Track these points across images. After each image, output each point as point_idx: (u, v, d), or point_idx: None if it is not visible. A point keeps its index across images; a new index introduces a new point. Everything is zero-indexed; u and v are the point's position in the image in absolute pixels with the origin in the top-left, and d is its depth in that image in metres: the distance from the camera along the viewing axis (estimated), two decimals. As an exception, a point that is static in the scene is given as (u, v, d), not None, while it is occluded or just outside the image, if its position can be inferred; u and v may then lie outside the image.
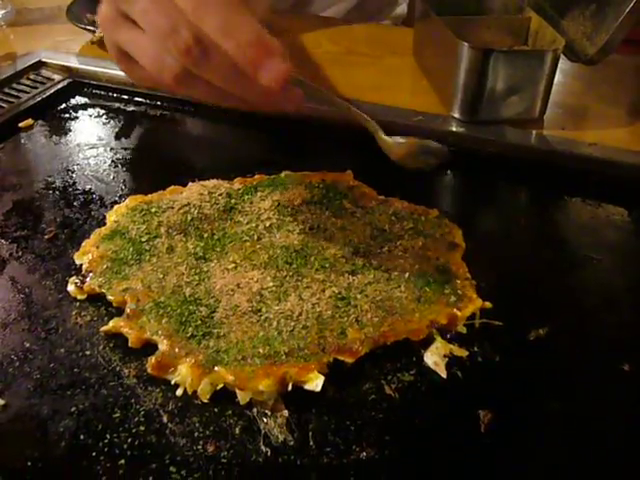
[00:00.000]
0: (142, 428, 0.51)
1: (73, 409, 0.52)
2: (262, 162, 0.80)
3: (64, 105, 0.95)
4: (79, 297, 0.62)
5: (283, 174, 0.76)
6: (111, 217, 0.70)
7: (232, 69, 0.51)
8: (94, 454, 0.49)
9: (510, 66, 0.81)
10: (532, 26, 0.91)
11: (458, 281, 0.62)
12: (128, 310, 0.59)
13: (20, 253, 0.67)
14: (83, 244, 0.67)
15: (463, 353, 0.57)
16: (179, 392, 0.53)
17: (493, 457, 0.50)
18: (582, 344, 0.59)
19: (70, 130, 0.90)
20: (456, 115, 0.86)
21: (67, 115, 0.93)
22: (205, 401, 0.52)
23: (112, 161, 0.82)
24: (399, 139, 0.65)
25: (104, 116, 0.93)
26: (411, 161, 0.65)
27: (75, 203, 0.75)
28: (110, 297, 0.60)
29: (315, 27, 1.17)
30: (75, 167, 0.81)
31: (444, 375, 0.55)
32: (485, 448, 0.50)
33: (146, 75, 0.56)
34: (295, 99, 0.57)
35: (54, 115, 0.93)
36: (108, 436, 0.50)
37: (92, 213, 0.73)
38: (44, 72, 1.00)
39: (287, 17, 1.20)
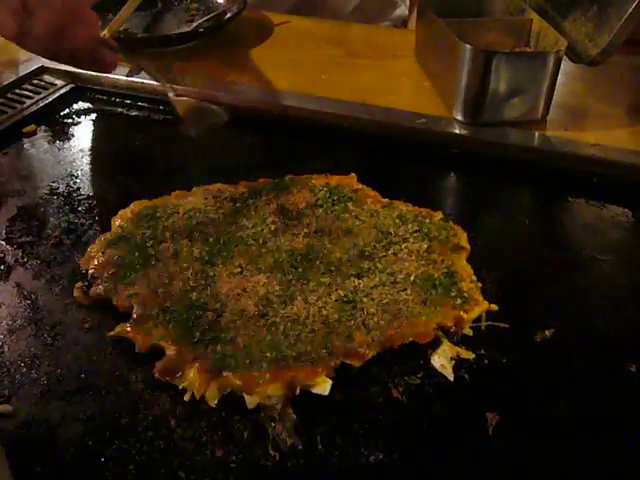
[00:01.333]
0: (150, 433, 0.51)
1: (81, 415, 0.53)
2: (266, 166, 0.80)
3: (67, 110, 0.95)
4: (85, 303, 0.62)
5: (287, 178, 0.76)
6: (116, 222, 0.70)
7: (51, 27, 0.65)
8: (103, 460, 0.49)
9: (513, 68, 0.81)
10: (534, 28, 0.91)
11: (464, 283, 0.62)
12: (134, 315, 0.59)
13: (25, 259, 0.68)
14: (88, 249, 0.67)
15: (470, 355, 0.57)
16: (187, 397, 0.53)
17: (501, 459, 0.50)
18: (588, 345, 0.59)
19: (73, 135, 0.90)
20: (459, 117, 0.86)
21: (70, 120, 0.93)
22: (213, 406, 0.52)
23: (116, 166, 0.83)
24: (185, 99, 0.77)
25: (107, 121, 0.93)
26: (195, 120, 0.77)
27: (80, 208, 0.75)
28: (116, 302, 0.61)
29: (316, 30, 1.17)
30: (79, 172, 0.81)
31: (451, 378, 0.55)
32: (493, 450, 0.50)
33: None
34: (109, 60, 0.70)
35: (57, 120, 0.93)
36: (117, 442, 0.50)
37: (97, 218, 0.73)
38: (46, 78, 1.01)
39: (288, 21, 1.20)
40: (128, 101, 0.97)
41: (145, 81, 0.96)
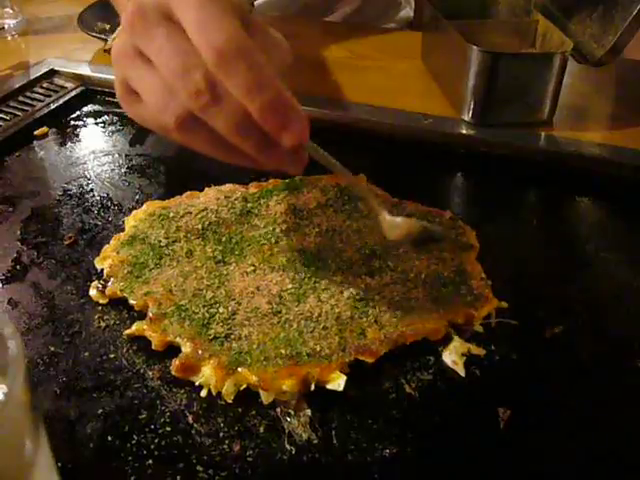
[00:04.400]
0: (168, 429, 0.52)
1: (100, 411, 0.53)
2: (276, 166, 0.81)
3: (77, 113, 0.96)
4: (101, 301, 0.63)
5: (297, 178, 0.77)
6: (130, 222, 0.71)
7: (241, 120, 0.49)
8: (122, 455, 0.50)
9: (519, 69, 0.82)
10: (539, 29, 0.92)
11: (473, 281, 0.63)
12: (150, 314, 0.60)
13: (41, 259, 0.69)
14: (103, 249, 0.68)
15: (481, 352, 0.58)
16: (203, 393, 0.54)
17: (513, 453, 0.51)
18: (597, 341, 0.60)
19: (84, 138, 0.91)
20: (466, 118, 0.87)
21: (81, 122, 0.94)
22: (229, 402, 0.53)
23: (128, 167, 0.84)
24: (399, 220, 0.59)
25: (118, 123, 0.94)
26: (409, 243, 0.61)
27: (93, 209, 0.76)
28: (132, 301, 0.61)
29: (323, 32, 1.18)
30: (91, 174, 0.82)
31: (463, 374, 0.56)
32: (505, 444, 0.51)
33: (148, 115, 0.53)
34: (301, 162, 0.55)
35: (68, 123, 0.94)
36: (135, 437, 0.51)
37: (110, 219, 0.74)
38: (57, 80, 1.01)
39: (294, 23, 1.21)
40: (138, 103, 0.98)
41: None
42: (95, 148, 0.88)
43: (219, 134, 0.50)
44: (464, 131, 0.87)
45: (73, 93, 0.99)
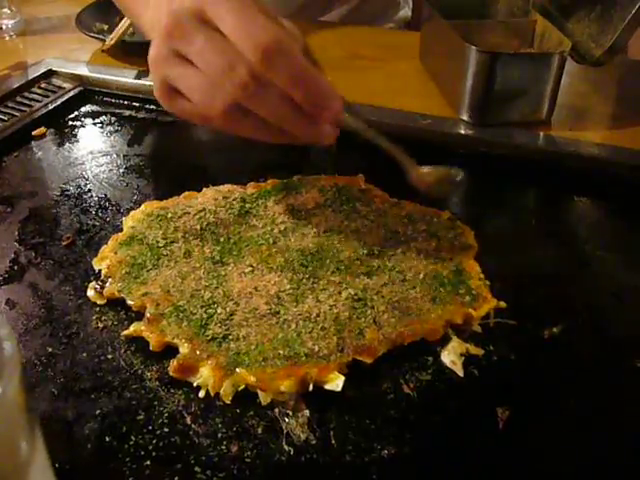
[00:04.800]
0: (166, 430, 0.52)
1: (97, 412, 0.53)
2: (274, 167, 0.81)
3: (75, 113, 0.96)
4: (99, 302, 0.63)
5: (295, 178, 0.77)
6: (128, 223, 0.71)
7: (284, 104, 0.55)
8: (120, 456, 0.50)
9: (517, 69, 0.82)
10: (538, 29, 0.92)
11: (472, 281, 0.63)
12: (148, 314, 0.60)
13: (39, 260, 0.68)
14: (101, 250, 0.67)
15: (479, 352, 0.58)
16: (201, 394, 0.54)
17: (512, 453, 0.51)
18: (596, 341, 0.60)
19: (82, 138, 0.91)
20: (464, 118, 0.87)
21: (79, 123, 0.94)
22: (227, 402, 0.53)
23: (126, 168, 0.83)
24: (426, 170, 0.68)
25: (116, 124, 0.94)
26: (437, 189, 0.69)
27: (91, 210, 0.76)
28: (130, 302, 0.61)
29: (319, 32, 1.18)
30: (89, 174, 0.82)
31: (461, 374, 0.56)
32: (504, 444, 0.51)
33: (193, 109, 0.59)
34: (335, 134, 0.61)
35: (66, 123, 0.94)
36: (133, 438, 0.51)
37: (108, 219, 0.74)
38: (55, 81, 1.01)
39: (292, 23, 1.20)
40: (136, 104, 0.98)
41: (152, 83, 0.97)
42: (93, 148, 0.88)
43: (261, 118, 0.57)
44: (462, 131, 0.87)
45: (71, 93, 0.99)
